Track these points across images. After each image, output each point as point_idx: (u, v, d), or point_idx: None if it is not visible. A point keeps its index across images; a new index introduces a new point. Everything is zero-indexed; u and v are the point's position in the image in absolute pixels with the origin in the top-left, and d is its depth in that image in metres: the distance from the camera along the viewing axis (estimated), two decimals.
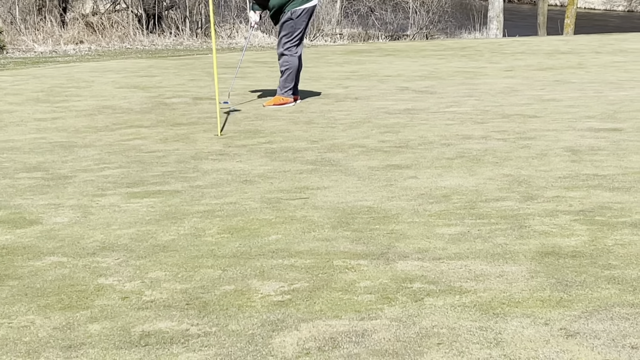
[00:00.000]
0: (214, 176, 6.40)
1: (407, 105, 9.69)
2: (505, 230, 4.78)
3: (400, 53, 17.04)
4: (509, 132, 7.85)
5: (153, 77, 13.11)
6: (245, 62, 15.12)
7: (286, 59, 9.82)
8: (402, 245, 4.58)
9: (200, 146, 7.61)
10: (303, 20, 9.76)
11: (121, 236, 4.90)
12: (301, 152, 7.19)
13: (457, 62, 14.92)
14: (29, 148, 7.72)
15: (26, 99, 10.87)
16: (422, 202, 5.45)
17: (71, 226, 5.14)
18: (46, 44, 21.28)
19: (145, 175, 6.49)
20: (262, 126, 8.57)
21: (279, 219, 5.16)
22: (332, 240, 4.70)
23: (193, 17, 25.67)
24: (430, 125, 8.34)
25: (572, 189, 5.69)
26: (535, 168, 6.36)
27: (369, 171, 6.41)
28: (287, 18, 9.71)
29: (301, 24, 9.77)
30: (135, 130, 8.51)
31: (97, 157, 7.25)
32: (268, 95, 10.48)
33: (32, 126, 8.91)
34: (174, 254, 4.54)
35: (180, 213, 5.36)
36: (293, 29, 9.74)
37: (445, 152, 7.01)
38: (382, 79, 12.50)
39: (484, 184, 5.92)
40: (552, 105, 9.42)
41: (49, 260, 4.52)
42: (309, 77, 12.43)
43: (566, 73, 12.82)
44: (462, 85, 11.49)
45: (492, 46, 18.48)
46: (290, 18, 9.69)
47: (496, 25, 28.14)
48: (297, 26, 9.75)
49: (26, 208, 5.60)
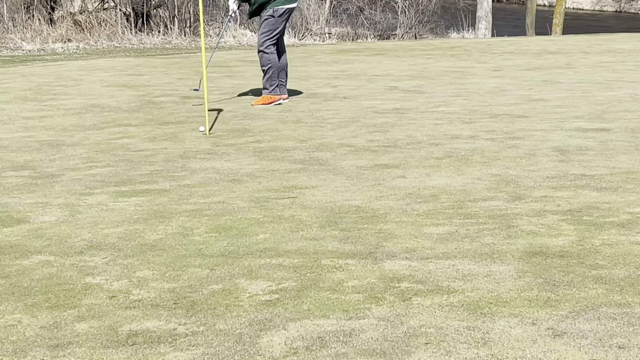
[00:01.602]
0: (202, 175, 6.39)
1: (395, 105, 9.70)
2: (493, 230, 4.79)
3: (389, 52, 17.05)
4: (497, 132, 7.86)
5: (141, 76, 13.09)
6: (233, 61, 15.10)
7: (267, 58, 9.84)
8: (390, 244, 4.58)
9: (189, 145, 7.60)
10: (283, 19, 9.81)
11: (109, 235, 4.89)
12: (289, 152, 7.19)
13: (445, 62, 14.94)
14: (16, 146, 7.69)
15: (14, 97, 10.84)
16: (410, 202, 5.46)
17: (58, 225, 5.12)
18: (34, 42, 21.21)
19: (133, 174, 6.47)
20: (251, 125, 8.56)
21: (267, 218, 5.15)
22: (320, 240, 4.69)
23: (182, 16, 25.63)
24: (419, 124, 8.35)
25: (559, 189, 5.70)
26: (523, 168, 6.37)
27: (357, 170, 6.41)
28: (269, 15, 9.74)
29: (281, 23, 9.81)
30: (123, 129, 8.49)
31: (85, 155, 7.23)
32: (257, 94, 10.47)
33: (19, 124, 8.88)
34: (161, 253, 4.54)
35: (168, 212, 5.35)
36: (274, 27, 9.78)
37: (433, 152, 7.02)
38: (370, 78, 12.50)
39: (472, 183, 5.93)
40: (540, 105, 9.44)
41: (36, 259, 4.50)
42: (298, 76, 12.42)
43: (554, 73, 12.85)
44: (451, 85, 11.50)
45: (481, 46, 18.50)
46: (272, 16, 9.73)
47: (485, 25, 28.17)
48: (278, 25, 9.79)
49: (13, 207, 5.58)
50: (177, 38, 23.30)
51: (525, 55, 15.97)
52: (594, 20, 42.08)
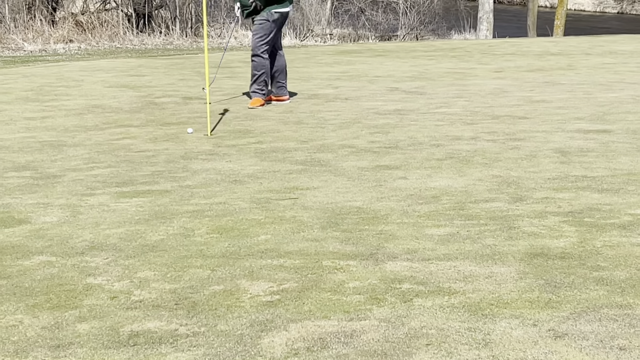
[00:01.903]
0: (203, 176, 6.39)
1: (397, 106, 9.70)
2: (495, 232, 4.79)
3: (391, 54, 17.05)
4: (499, 133, 7.86)
5: (143, 77, 13.09)
6: (235, 62, 15.11)
7: (262, 63, 9.83)
8: (392, 245, 4.58)
9: (190, 146, 7.60)
10: (277, 24, 9.80)
11: (110, 236, 4.89)
12: (291, 152, 7.19)
13: (447, 63, 14.94)
14: (18, 147, 7.70)
15: (15, 98, 10.84)
16: (412, 203, 5.46)
17: (60, 225, 5.13)
18: (36, 42, 21.22)
19: (134, 175, 6.48)
20: (252, 126, 8.57)
21: (268, 219, 5.16)
22: (321, 241, 4.70)
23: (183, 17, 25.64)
24: (420, 126, 8.35)
25: (561, 190, 5.70)
26: (524, 169, 6.37)
27: (359, 172, 6.42)
28: (263, 19, 9.74)
29: (275, 28, 9.81)
30: (124, 130, 8.50)
31: (87, 156, 7.23)
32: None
33: (21, 125, 8.89)
34: (163, 254, 4.54)
35: (169, 213, 5.36)
36: (268, 31, 9.78)
37: (434, 153, 7.02)
38: (372, 79, 12.50)
39: (474, 185, 5.93)
40: (541, 107, 9.44)
41: (37, 259, 4.51)
42: (299, 77, 12.43)
43: (556, 74, 12.85)
44: (452, 86, 11.51)
45: (482, 47, 18.50)
46: (267, 20, 9.73)
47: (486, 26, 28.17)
48: (272, 29, 9.79)
49: (15, 207, 5.58)
50: (179, 39, 23.31)
51: (526, 57, 15.97)
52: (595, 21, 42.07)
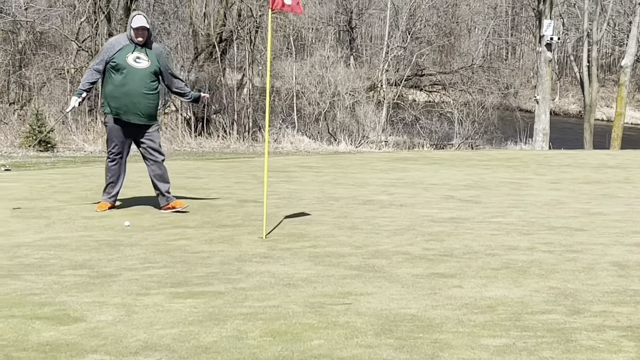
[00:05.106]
0: (257, 279, 6.40)
1: (452, 214, 9.68)
2: (552, 344, 4.71)
3: (446, 162, 17.10)
4: (555, 244, 7.79)
5: (199, 179, 13.25)
6: (291, 167, 15.24)
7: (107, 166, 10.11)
8: (447, 355, 4.52)
9: (245, 248, 7.63)
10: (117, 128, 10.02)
11: (164, 336, 4.90)
12: (345, 257, 7.18)
13: (502, 173, 14.93)
14: (75, 245, 7.79)
15: (75, 197, 11.02)
16: (467, 312, 5.40)
17: (115, 324, 5.14)
18: (96, 143, 21.67)
19: (189, 276, 6.50)
20: (307, 230, 8.59)
21: (322, 324, 5.12)
22: (375, 347, 4.65)
23: (240, 121, 26.04)
24: (475, 234, 8.31)
25: (619, 304, 5.61)
26: (581, 282, 6.29)
27: (413, 279, 6.38)
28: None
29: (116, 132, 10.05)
30: (180, 231, 8.57)
31: (142, 256, 7.29)
32: (312, 200, 10.51)
33: (79, 224, 9.01)
34: (216, 356, 4.52)
35: (223, 314, 5.35)
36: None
37: (490, 262, 6.96)
38: (427, 187, 12.52)
39: (530, 295, 5.86)
40: (599, 219, 9.35)
41: (91, 358, 4.51)
42: (354, 182, 12.49)
43: (613, 187, 12.77)
44: (508, 196, 11.47)
45: (538, 158, 18.49)
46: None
47: (542, 138, 28.21)
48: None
49: (71, 305, 5.62)
50: (236, 142, 23.65)
51: (583, 169, 15.92)
52: None
